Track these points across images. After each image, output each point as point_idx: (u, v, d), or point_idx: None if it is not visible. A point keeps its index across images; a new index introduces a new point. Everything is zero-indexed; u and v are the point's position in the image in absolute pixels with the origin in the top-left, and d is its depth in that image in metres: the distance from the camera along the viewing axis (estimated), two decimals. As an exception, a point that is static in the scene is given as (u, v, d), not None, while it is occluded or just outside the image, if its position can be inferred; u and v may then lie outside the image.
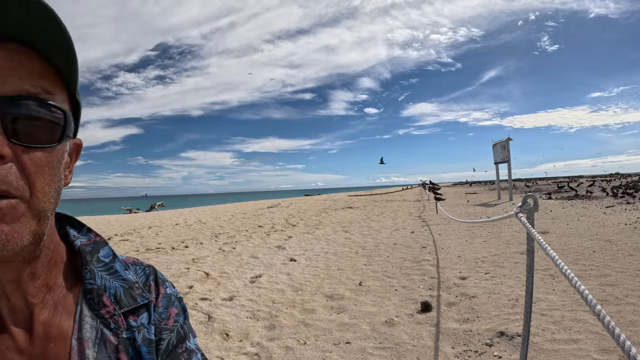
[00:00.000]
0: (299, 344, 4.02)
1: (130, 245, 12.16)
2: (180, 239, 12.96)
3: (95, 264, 0.68)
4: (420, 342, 3.85)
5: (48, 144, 0.55)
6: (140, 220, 22.09)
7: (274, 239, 11.50)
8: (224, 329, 4.56)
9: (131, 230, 16.47)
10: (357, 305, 5.01)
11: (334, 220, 15.97)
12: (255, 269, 7.49)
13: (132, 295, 0.68)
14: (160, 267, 8.36)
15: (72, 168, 0.66)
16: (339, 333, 4.22)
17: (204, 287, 6.44)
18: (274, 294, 5.73)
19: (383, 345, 3.86)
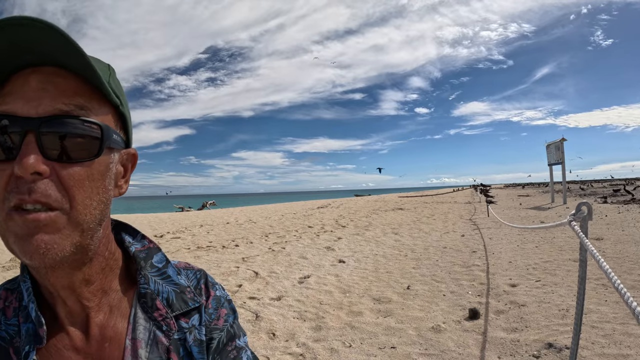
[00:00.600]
0: (344, 346, 4.04)
1: (182, 243, 12.42)
2: (230, 237, 13.15)
3: (149, 270, 0.73)
4: (466, 351, 3.80)
5: (86, 159, 0.58)
6: (192, 219, 22.52)
7: (323, 239, 11.55)
8: (270, 328, 4.63)
9: (183, 228, 16.82)
10: (404, 310, 4.98)
11: (384, 221, 15.87)
12: (304, 270, 7.55)
13: (184, 299, 0.72)
14: (211, 265, 8.54)
15: (128, 177, 0.70)
16: (384, 337, 4.21)
17: (253, 286, 6.54)
18: (321, 295, 5.77)
19: (428, 352, 3.82)
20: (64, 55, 0.54)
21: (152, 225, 19.53)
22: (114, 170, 0.64)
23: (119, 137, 0.64)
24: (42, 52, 0.54)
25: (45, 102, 0.55)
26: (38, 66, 0.56)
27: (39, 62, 0.56)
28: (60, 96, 0.56)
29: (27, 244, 0.54)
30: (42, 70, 0.56)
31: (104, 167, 0.61)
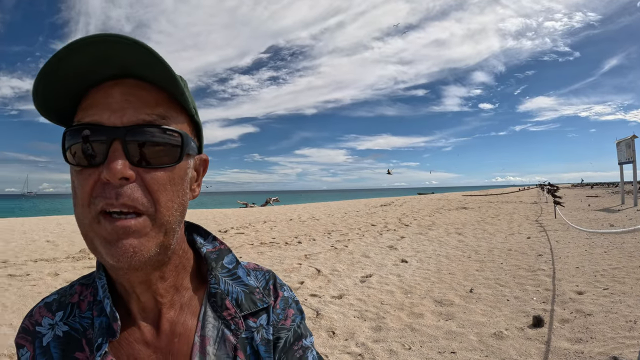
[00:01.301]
0: (403, 348, 4.04)
1: (246, 239, 12.68)
2: (293, 234, 13.31)
3: (220, 270, 0.75)
4: None
5: (168, 164, 0.61)
6: (256, 215, 22.92)
7: (386, 238, 11.52)
8: (331, 326, 4.68)
9: (247, 224, 17.16)
10: (466, 314, 4.91)
11: (447, 221, 15.63)
12: (366, 269, 7.57)
13: (253, 300, 0.74)
14: (274, 261, 8.70)
15: (200, 182, 0.74)
16: (445, 341, 4.17)
17: (315, 283, 6.63)
18: (383, 295, 5.77)
19: (489, 359, 3.77)
20: (148, 68, 0.58)
21: (216, 220, 20.03)
22: (190, 174, 0.68)
23: (194, 144, 0.68)
24: (124, 66, 0.58)
25: (129, 112, 0.59)
26: (120, 78, 0.60)
27: (120, 75, 0.60)
28: (143, 107, 0.60)
29: (115, 248, 0.57)
30: (124, 83, 0.60)
31: (183, 171, 0.65)
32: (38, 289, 7.33)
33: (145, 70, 0.59)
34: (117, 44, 0.55)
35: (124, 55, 0.56)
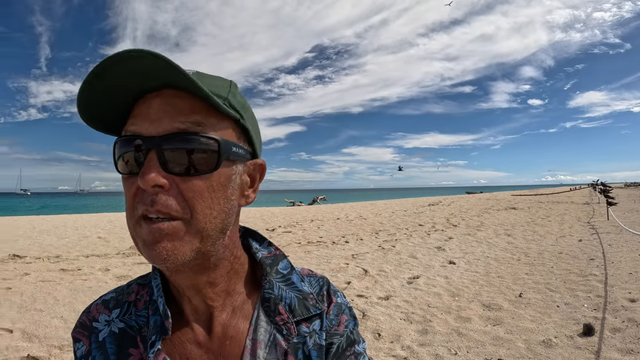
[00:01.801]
0: (449, 353, 4.02)
1: (293, 237, 12.79)
2: (341, 233, 13.34)
3: (274, 275, 0.76)
4: (577, 368, 3.66)
5: (205, 171, 0.62)
6: (303, 214, 23.02)
7: (434, 239, 11.41)
8: (376, 328, 4.70)
9: (294, 223, 17.28)
10: (514, 319, 4.82)
11: (496, 221, 15.32)
12: (414, 270, 7.54)
13: (306, 306, 0.75)
14: (321, 260, 8.76)
15: (257, 187, 0.73)
16: (492, 347, 4.12)
17: (362, 284, 6.65)
18: (430, 297, 5.74)
19: (537, 366, 3.71)
20: (174, 78, 0.59)
21: (264, 219, 20.24)
22: (238, 180, 0.68)
23: (241, 150, 0.67)
24: (158, 77, 0.59)
25: (165, 121, 0.60)
26: (160, 90, 0.63)
27: (161, 87, 0.62)
28: (178, 115, 0.61)
29: (151, 250, 0.60)
30: (163, 94, 0.62)
31: (224, 178, 0.65)
32: (89, 284, 7.60)
33: (175, 81, 0.60)
34: (140, 58, 0.57)
35: (151, 68, 0.58)
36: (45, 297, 6.78)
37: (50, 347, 4.73)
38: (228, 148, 0.64)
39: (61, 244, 13.24)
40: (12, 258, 10.61)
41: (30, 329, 5.28)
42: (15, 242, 13.73)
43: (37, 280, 8.01)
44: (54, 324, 5.50)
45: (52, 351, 4.61)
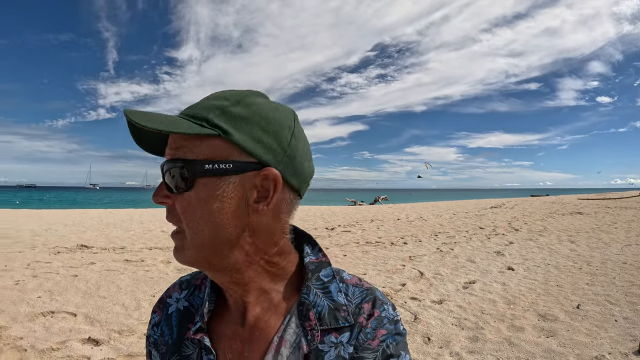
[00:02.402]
0: (499, 362, 3.90)
1: (352, 237, 12.79)
2: (400, 234, 13.23)
3: (314, 282, 0.78)
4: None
5: (183, 189, 0.69)
6: (363, 213, 23.00)
7: (494, 243, 11.09)
8: (427, 332, 4.62)
9: (354, 222, 17.28)
10: (569, 332, 4.59)
11: (560, 227, 14.63)
12: (470, 274, 7.36)
13: (335, 317, 0.75)
14: (377, 261, 8.72)
15: (271, 198, 0.70)
16: None
17: (416, 286, 6.56)
18: (484, 304, 5.59)
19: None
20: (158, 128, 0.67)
21: (324, 217, 20.35)
22: (231, 194, 0.69)
23: (226, 164, 0.68)
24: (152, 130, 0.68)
25: (167, 152, 0.73)
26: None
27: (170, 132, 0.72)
28: (170, 146, 0.72)
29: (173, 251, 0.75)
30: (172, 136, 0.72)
31: (205, 194, 0.68)
32: (150, 275, 7.92)
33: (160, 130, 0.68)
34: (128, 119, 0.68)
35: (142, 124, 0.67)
36: (109, 285, 7.14)
37: (110, 331, 4.99)
38: (198, 167, 0.68)
39: (126, 236, 13.89)
40: (80, 248, 11.25)
41: (92, 313, 5.62)
42: (84, 234, 14.52)
43: (102, 269, 8.46)
44: (115, 310, 5.78)
45: (111, 335, 4.87)
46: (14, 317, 5.42)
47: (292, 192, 0.74)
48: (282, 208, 0.74)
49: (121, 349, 4.49)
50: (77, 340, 4.70)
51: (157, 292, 6.69)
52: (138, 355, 4.34)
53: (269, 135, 0.70)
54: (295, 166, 0.72)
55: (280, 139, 0.71)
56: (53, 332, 4.94)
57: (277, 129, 0.71)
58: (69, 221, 19.44)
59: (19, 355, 4.34)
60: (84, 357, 4.29)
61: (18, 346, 4.51)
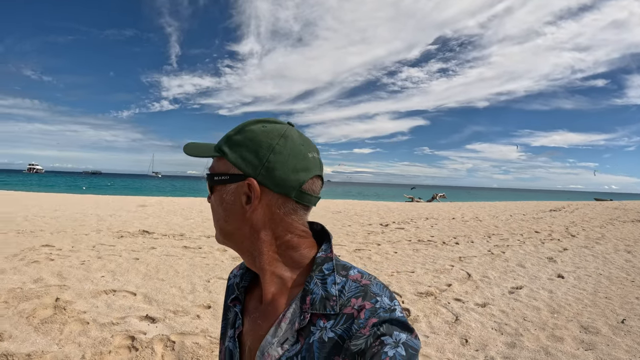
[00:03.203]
0: (535, 369, 3.86)
1: (405, 234, 12.74)
2: (453, 234, 13.06)
3: (317, 273, 0.89)
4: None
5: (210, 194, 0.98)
6: (419, 210, 22.75)
7: (547, 248, 10.74)
8: (465, 334, 4.64)
9: (408, 220, 17.16)
10: (609, 346, 4.46)
11: (619, 235, 13.87)
12: (518, 279, 7.23)
13: (325, 305, 0.85)
14: (427, 260, 8.70)
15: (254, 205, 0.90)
16: (580, 370, 3.88)
17: (462, 288, 6.54)
18: (527, 310, 5.51)
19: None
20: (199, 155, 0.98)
21: (380, 213, 20.31)
22: (232, 199, 0.92)
23: (224, 177, 0.92)
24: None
25: None
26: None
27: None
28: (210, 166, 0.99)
29: None
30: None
31: (216, 198, 0.95)
32: (207, 261, 8.20)
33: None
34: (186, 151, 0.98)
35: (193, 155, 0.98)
36: (167, 269, 7.49)
37: (166, 311, 5.27)
38: (211, 179, 0.95)
39: (186, 224, 14.36)
40: (142, 233, 11.76)
41: (151, 294, 5.94)
42: (146, 220, 15.12)
43: (161, 254, 8.85)
44: (172, 292, 6.09)
45: (167, 314, 5.15)
46: (79, 293, 5.81)
47: (279, 196, 0.89)
48: (274, 210, 0.90)
49: (175, 327, 4.74)
50: (135, 317, 5.01)
51: (211, 277, 6.96)
52: (189, 334, 4.56)
53: (251, 154, 0.89)
54: (274, 176, 0.87)
55: (259, 156, 0.88)
56: (114, 309, 5.28)
57: (257, 148, 0.89)
58: (132, 207, 20.36)
59: (82, 327, 4.66)
60: (140, 332, 4.56)
61: (81, 319, 4.85)
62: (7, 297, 5.45)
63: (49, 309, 5.16)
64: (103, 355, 4.03)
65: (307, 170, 0.90)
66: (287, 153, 0.88)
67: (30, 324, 4.68)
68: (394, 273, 7.56)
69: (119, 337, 4.42)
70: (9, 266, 7.09)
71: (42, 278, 6.47)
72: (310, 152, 0.93)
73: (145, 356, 4.01)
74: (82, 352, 4.06)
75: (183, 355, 4.05)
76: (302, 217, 0.93)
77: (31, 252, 8.42)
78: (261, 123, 0.93)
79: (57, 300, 5.44)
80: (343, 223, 16.07)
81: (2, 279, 6.31)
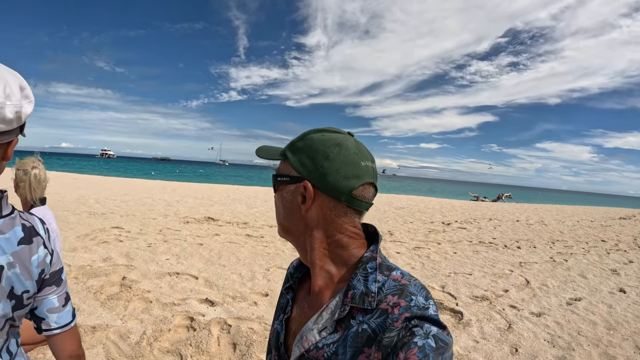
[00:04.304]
0: (583, 386, 3.76)
1: (466, 234, 12.52)
2: (516, 237, 12.70)
3: (361, 271, 0.94)
4: None
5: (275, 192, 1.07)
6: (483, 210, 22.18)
7: (612, 259, 10.20)
8: (516, 342, 4.57)
9: (471, 219, 16.80)
10: (664, 368, 4.24)
11: (695, 250, 13.02)
12: (578, 290, 6.97)
13: (363, 300, 0.89)
14: (486, 263, 8.56)
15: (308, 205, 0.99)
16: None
17: (519, 294, 6.41)
18: (583, 324, 5.32)
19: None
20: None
21: (442, 211, 19.99)
22: (290, 198, 1.01)
23: (285, 178, 1.01)
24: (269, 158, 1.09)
25: None
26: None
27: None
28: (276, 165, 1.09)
29: None
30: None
31: (279, 196, 1.04)
32: (268, 250, 8.41)
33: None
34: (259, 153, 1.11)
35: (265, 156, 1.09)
36: (229, 255, 7.76)
37: (225, 295, 5.48)
38: (275, 179, 1.05)
39: (250, 212, 14.70)
40: (207, 220, 12.17)
41: (212, 279, 6.20)
42: (211, 207, 15.60)
43: (225, 241, 9.15)
44: (232, 278, 6.32)
45: (225, 299, 5.35)
46: (145, 273, 6.17)
47: (330, 199, 0.96)
48: (326, 211, 0.97)
49: (232, 311, 4.94)
50: (195, 299, 5.26)
51: (271, 266, 7.13)
52: (245, 319, 4.73)
53: (308, 159, 0.98)
54: (327, 181, 0.94)
55: (315, 161, 0.96)
56: (176, 290, 5.56)
57: (314, 154, 0.97)
58: (199, 194, 21.04)
59: (145, 305, 4.97)
60: (199, 313, 4.79)
61: (145, 298, 5.16)
62: (78, 274, 5.88)
63: (115, 286, 5.52)
64: (163, 332, 4.28)
65: (358, 178, 0.94)
66: (340, 160, 0.94)
67: (97, 299, 5.03)
68: (451, 274, 7.51)
69: (178, 317, 4.66)
70: (80, 245, 7.63)
71: (111, 257, 6.91)
72: (364, 161, 0.96)
73: (202, 337, 4.20)
74: (143, 328, 4.33)
75: (237, 339, 4.21)
76: (353, 220, 0.98)
77: (102, 232, 8.99)
78: (321, 132, 1.00)
79: (123, 278, 5.80)
80: (405, 219, 15.99)
81: (73, 256, 6.80)
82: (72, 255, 6.87)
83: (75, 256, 6.81)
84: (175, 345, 4.04)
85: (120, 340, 4.07)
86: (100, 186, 22.58)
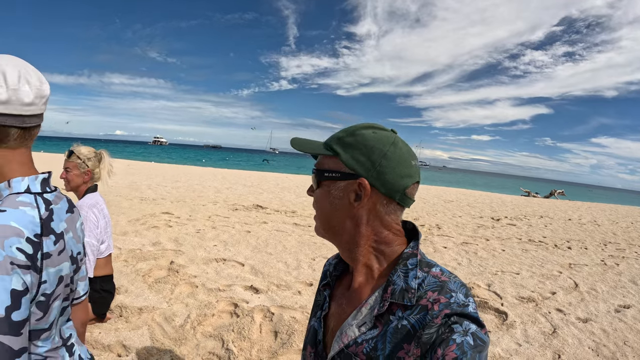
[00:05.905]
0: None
1: (515, 232, 12.15)
2: (567, 237, 12.22)
3: (401, 267, 0.93)
4: None
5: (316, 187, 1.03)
6: (534, 207, 21.38)
7: (667, 265, 9.75)
8: (559, 349, 4.45)
9: (521, 216, 16.28)
10: None
11: None
12: (628, 297, 6.65)
13: (403, 296, 0.88)
14: (534, 262, 8.31)
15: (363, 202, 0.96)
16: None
17: (566, 298, 6.21)
18: (630, 334, 5.09)
19: None
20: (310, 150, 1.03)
21: (492, 206, 19.46)
22: (339, 194, 0.98)
23: (335, 174, 0.98)
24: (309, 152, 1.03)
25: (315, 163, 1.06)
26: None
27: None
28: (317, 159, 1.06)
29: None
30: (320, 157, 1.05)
31: (322, 192, 1.01)
32: (314, 240, 8.38)
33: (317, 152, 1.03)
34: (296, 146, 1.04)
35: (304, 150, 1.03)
36: (276, 244, 7.81)
37: (270, 284, 5.52)
38: (320, 174, 1.01)
39: (298, 201, 14.69)
40: (256, 208, 12.23)
41: (258, 266, 6.24)
42: (260, 195, 15.69)
43: (272, 229, 9.19)
44: (278, 266, 6.36)
45: (270, 287, 5.38)
46: (192, 259, 6.30)
47: (384, 197, 0.95)
48: (378, 208, 0.96)
49: (276, 300, 4.99)
50: (240, 286, 5.33)
51: (317, 256, 7.14)
52: (288, 308, 4.77)
53: (364, 156, 0.95)
54: (384, 179, 0.93)
55: (372, 159, 0.94)
56: (222, 276, 5.65)
57: (370, 152, 0.94)
58: (248, 182, 21.15)
59: (191, 289, 5.09)
60: (243, 300, 4.86)
61: (192, 283, 5.28)
62: (127, 257, 6.11)
63: (163, 270, 5.68)
64: (207, 317, 4.38)
65: (411, 177, 0.95)
66: (397, 160, 0.94)
67: (145, 282, 5.21)
68: (498, 272, 7.35)
69: (223, 303, 4.74)
70: (131, 229, 7.90)
71: (160, 242, 7.11)
72: (414, 160, 0.96)
73: (244, 323, 4.27)
74: (188, 312, 4.45)
75: (279, 327, 4.25)
76: (399, 217, 0.99)
77: (152, 218, 9.25)
78: (371, 129, 0.97)
79: (171, 263, 5.95)
80: (454, 213, 15.69)
81: (124, 240, 7.05)
82: (123, 239, 7.11)
83: (125, 240, 7.05)
84: (218, 330, 4.13)
85: (165, 322, 4.20)
86: (152, 172, 23.09)
